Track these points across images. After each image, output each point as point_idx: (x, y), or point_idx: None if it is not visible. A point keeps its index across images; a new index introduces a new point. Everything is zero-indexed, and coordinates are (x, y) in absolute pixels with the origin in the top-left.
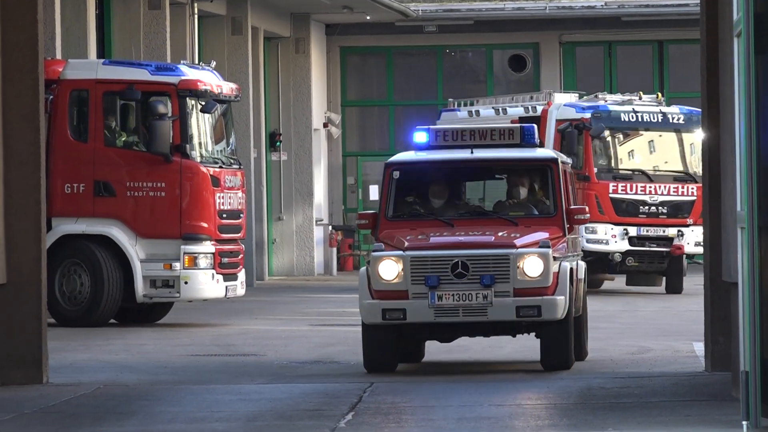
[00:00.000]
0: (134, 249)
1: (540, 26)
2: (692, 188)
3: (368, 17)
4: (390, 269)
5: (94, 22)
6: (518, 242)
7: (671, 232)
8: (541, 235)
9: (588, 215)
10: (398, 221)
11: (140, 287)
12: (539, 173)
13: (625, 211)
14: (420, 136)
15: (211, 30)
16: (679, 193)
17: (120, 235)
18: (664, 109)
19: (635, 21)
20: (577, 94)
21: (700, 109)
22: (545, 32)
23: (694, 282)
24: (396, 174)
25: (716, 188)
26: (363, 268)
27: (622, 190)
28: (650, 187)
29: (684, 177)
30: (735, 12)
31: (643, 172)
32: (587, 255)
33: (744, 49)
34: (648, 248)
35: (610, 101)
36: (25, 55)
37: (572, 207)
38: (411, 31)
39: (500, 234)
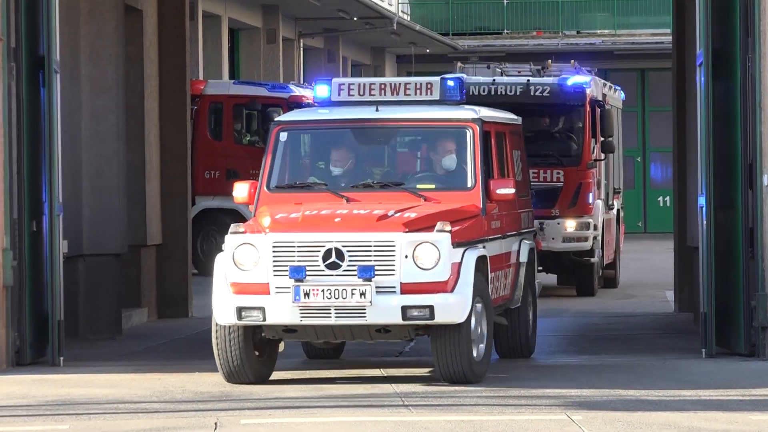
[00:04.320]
0: None
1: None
2: (558, 173)
3: (428, 50)
4: (247, 256)
5: (227, 52)
6: (408, 224)
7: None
8: (445, 215)
9: (513, 190)
10: (281, 193)
11: None
12: (455, 137)
13: None
14: (321, 90)
15: (312, 59)
16: (541, 179)
17: (244, 209)
18: (534, 79)
19: (624, 54)
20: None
21: (587, 80)
22: (557, 62)
23: (667, 246)
24: (283, 135)
25: (683, 178)
26: (219, 255)
27: None
28: None
29: (548, 160)
30: (698, 47)
31: None
32: None
33: (704, 75)
34: None
35: (503, 71)
36: (176, 76)
37: (495, 179)
38: (459, 60)
39: (391, 213)
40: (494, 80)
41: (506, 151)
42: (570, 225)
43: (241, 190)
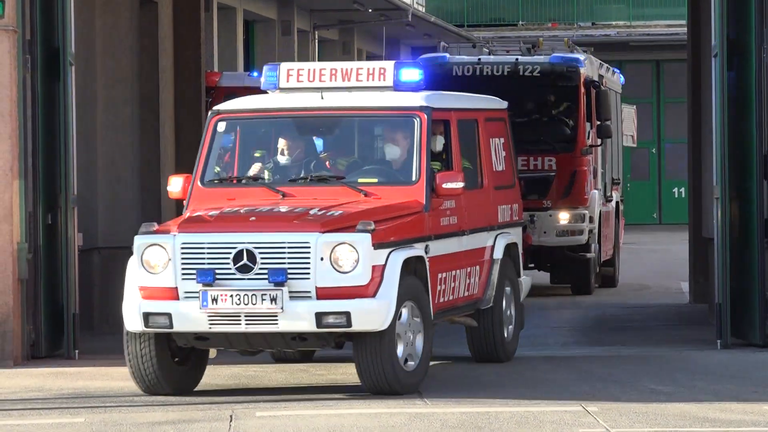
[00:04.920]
0: None
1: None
2: (550, 161)
3: (442, 43)
4: (156, 258)
5: (242, 44)
6: (326, 224)
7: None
8: (372, 213)
9: (461, 184)
10: (215, 188)
11: None
12: (400, 126)
13: None
14: (267, 74)
15: (327, 51)
16: (531, 167)
17: None
18: (524, 58)
19: (639, 45)
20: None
21: (581, 58)
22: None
23: (682, 237)
24: (221, 126)
25: (698, 169)
26: (131, 258)
27: None
28: None
29: (539, 146)
30: (713, 38)
31: None
32: None
33: (719, 66)
34: None
35: (491, 50)
36: (191, 68)
37: (443, 173)
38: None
39: (314, 212)
40: (480, 59)
41: (478, 140)
42: (563, 217)
43: (175, 185)
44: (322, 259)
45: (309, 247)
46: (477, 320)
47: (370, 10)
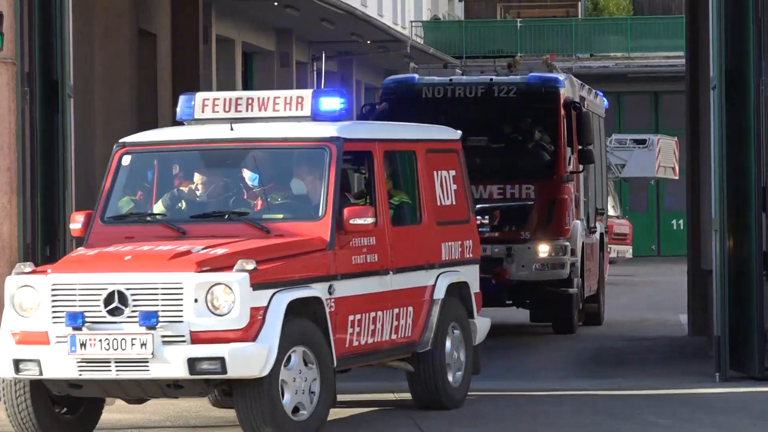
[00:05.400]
0: None
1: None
2: (528, 189)
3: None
4: (28, 300)
5: (240, 75)
6: (203, 263)
7: (498, 250)
8: (259, 252)
9: (371, 220)
10: (115, 226)
11: None
12: (308, 159)
13: None
14: (182, 104)
15: (325, 83)
16: (507, 195)
17: None
18: (499, 78)
19: (637, 77)
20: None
21: (561, 78)
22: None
23: (680, 269)
24: (126, 159)
25: (697, 201)
26: (5, 300)
27: None
28: None
29: (516, 173)
30: (711, 70)
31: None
32: None
33: (717, 98)
34: None
35: (464, 71)
36: None
37: (351, 208)
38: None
39: (196, 250)
40: (451, 80)
41: (417, 172)
42: (543, 249)
43: (76, 222)
44: (196, 300)
45: (182, 288)
46: (415, 364)
47: (368, 42)
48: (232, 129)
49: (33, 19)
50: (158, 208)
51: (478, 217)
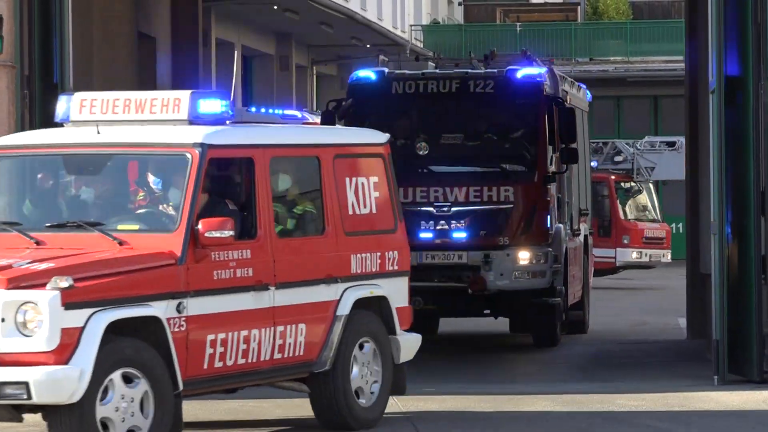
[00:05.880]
0: None
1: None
2: (506, 191)
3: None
4: None
5: (240, 78)
6: (14, 279)
7: (475, 257)
8: (86, 267)
9: (229, 233)
10: None
11: None
12: (168, 166)
13: None
14: (61, 106)
15: (326, 86)
16: (485, 198)
17: None
18: (475, 72)
19: (637, 81)
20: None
21: (542, 71)
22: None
23: (679, 273)
24: None
25: (696, 205)
26: None
27: None
28: (436, 191)
29: (493, 174)
30: (710, 75)
31: (426, 169)
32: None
33: (717, 103)
34: (437, 284)
35: (438, 64)
36: None
37: (207, 220)
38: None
39: (18, 264)
40: (423, 73)
41: (321, 180)
42: (523, 256)
43: None
44: (3, 320)
45: None
46: (315, 385)
47: (368, 46)
48: (98, 133)
49: (33, 22)
50: (19, 215)
51: (453, 222)
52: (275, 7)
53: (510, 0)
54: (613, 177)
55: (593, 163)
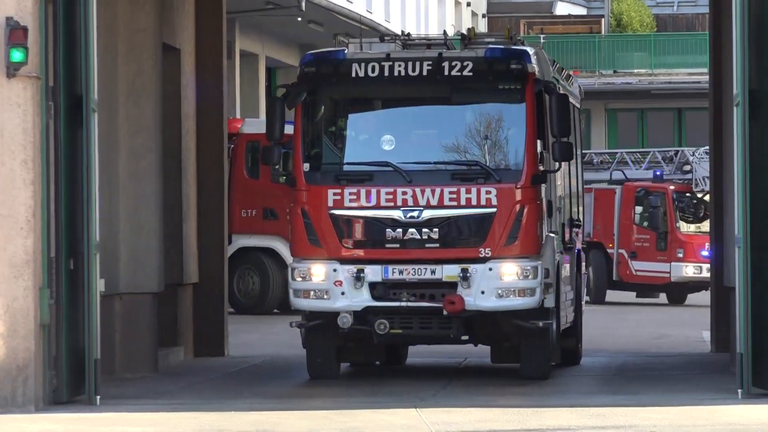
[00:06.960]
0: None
1: (590, 97)
2: (488, 193)
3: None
4: None
5: (264, 90)
6: None
7: (451, 273)
8: None
9: None
10: None
11: None
12: None
13: (362, 239)
14: None
15: None
16: (462, 202)
17: (282, 247)
18: (450, 52)
19: (661, 93)
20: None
21: (529, 51)
22: (594, 101)
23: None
24: None
25: (720, 218)
26: None
27: (352, 199)
28: (405, 192)
29: (472, 173)
30: (735, 88)
31: (394, 168)
32: (310, 317)
33: (741, 115)
34: (405, 303)
35: (406, 43)
36: (213, 115)
37: None
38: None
39: None
40: (388, 55)
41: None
42: (508, 270)
43: None
44: None
45: None
46: None
47: None
48: None
49: (57, 34)
50: None
51: (425, 230)
52: (299, 19)
53: (534, 12)
54: (672, 187)
55: (657, 172)
